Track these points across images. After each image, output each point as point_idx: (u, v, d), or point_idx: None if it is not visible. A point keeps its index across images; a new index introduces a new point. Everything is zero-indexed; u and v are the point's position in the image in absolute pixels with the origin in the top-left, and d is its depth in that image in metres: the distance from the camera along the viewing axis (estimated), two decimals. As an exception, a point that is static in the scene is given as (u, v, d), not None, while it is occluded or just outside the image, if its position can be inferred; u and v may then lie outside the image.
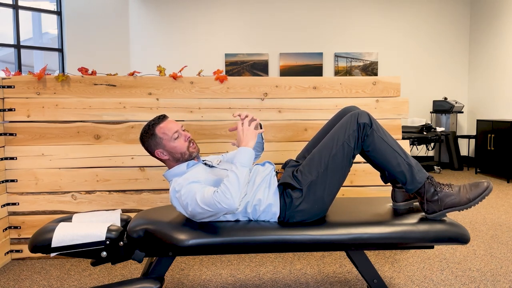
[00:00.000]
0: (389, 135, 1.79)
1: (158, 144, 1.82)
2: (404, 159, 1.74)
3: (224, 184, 1.63)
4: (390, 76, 2.76)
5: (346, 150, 1.76)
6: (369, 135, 1.75)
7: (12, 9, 5.16)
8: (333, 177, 1.77)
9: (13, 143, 2.59)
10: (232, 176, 1.65)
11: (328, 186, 1.76)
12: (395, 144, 1.77)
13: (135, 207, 2.66)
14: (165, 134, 1.81)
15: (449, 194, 1.72)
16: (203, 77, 2.68)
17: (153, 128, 1.82)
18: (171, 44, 6.58)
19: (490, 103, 6.19)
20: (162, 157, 1.85)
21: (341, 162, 1.76)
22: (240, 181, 1.64)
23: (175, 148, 1.82)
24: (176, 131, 1.82)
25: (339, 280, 2.29)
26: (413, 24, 6.65)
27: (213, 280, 2.31)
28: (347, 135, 1.75)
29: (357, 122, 1.75)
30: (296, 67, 6.61)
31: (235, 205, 1.61)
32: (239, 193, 1.63)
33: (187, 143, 1.84)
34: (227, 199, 1.60)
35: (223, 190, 1.62)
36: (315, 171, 1.76)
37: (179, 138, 1.82)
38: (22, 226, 2.62)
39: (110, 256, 1.72)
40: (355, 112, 1.78)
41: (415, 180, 1.74)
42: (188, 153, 1.84)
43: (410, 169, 1.74)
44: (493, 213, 3.67)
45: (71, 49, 5.66)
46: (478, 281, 2.26)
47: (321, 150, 1.79)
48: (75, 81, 2.61)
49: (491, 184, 1.72)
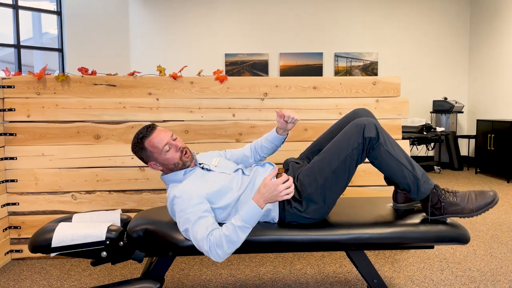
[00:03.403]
0: (396, 145, 1.72)
1: (150, 157, 1.79)
2: (410, 171, 1.70)
3: (221, 238, 1.53)
4: (390, 76, 2.76)
5: (348, 163, 1.70)
6: (375, 149, 1.69)
7: (12, 9, 5.16)
8: (333, 189, 1.73)
9: (13, 143, 2.59)
10: (232, 235, 1.53)
11: (328, 197, 1.74)
12: (402, 155, 1.71)
13: (135, 207, 2.66)
14: (155, 147, 1.75)
15: (453, 203, 1.70)
16: (203, 77, 2.68)
17: (143, 142, 1.76)
18: (171, 44, 6.58)
19: (490, 103, 6.19)
20: (156, 168, 1.82)
21: (343, 175, 1.72)
22: (237, 245, 1.55)
23: (167, 160, 1.77)
24: (166, 143, 1.75)
25: (339, 280, 2.29)
26: (413, 24, 6.65)
27: (213, 280, 2.31)
28: (351, 149, 1.68)
29: (363, 136, 1.67)
30: (296, 67, 6.61)
31: (218, 261, 1.55)
32: (230, 254, 1.56)
33: (179, 154, 1.78)
34: (216, 254, 1.54)
35: (217, 243, 1.53)
36: (314, 184, 1.72)
37: (170, 150, 1.77)
38: (22, 226, 2.62)
39: (110, 256, 1.72)
40: (361, 122, 1.70)
41: (420, 192, 1.72)
42: (181, 163, 1.80)
43: (416, 181, 1.71)
44: (493, 213, 3.67)
45: (71, 49, 5.66)
46: (478, 281, 2.26)
47: (322, 162, 1.73)
48: (75, 81, 2.61)
49: (497, 196, 1.69)
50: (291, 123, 1.94)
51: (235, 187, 1.77)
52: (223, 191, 1.74)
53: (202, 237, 1.55)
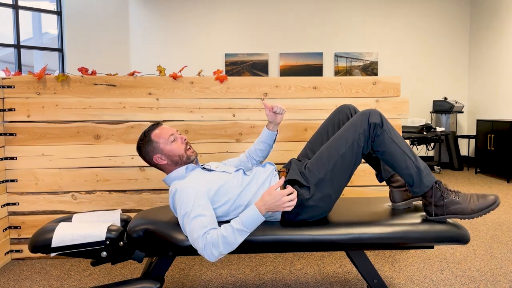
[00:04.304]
0: (399, 136, 1.76)
1: (156, 149, 1.82)
2: (413, 161, 1.72)
3: (218, 238, 1.54)
4: (390, 76, 2.76)
5: (355, 149, 1.74)
6: (379, 136, 1.72)
7: (12, 9, 5.16)
8: (341, 175, 1.77)
9: (13, 143, 2.59)
10: (230, 237, 1.55)
11: (335, 183, 1.77)
12: (405, 145, 1.74)
13: (135, 207, 2.66)
14: (161, 138, 1.82)
15: (455, 201, 1.71)
16: (203, 77, 2.68)
17: (149, 135, 1.83)
18: (171, 44, 6.58)
19: (490, 103, 6.19)
20: (161, 162, 1.83)
21: (350, 161, 1.76)
22: (233, 247, 1.56)
23: (173, 151, 1.82)
24: (171, 134, 1.83)
25: (339, 280, 2.29)
26: (413, 24, 6.65)
27: (213, 280, 2.31)
28: (358, 134, 1.73)
29: (368, 122, 1.72)
30: (296, 67, 6.61)
31: (211, 260, 1.56)
32: (224, 255, 1.57)
33: (184, 145, 1.85)
34: (210, 253, 1.54)
35: (213, 242, 1.54)
36: (323, 169, 1.76)
37: (175, 141, 1.83)
38: (22, 226, 2.62)
39: (110, 256, 1.72)
40: (366, 111, 1.76)
41: (423, 184, 1.73)
42: (186, 156, 1.84)
43: (418, 172, 1.72)
44: (493, 213, 3.67)
45: (71, 49, 5.66)
46: (478, 281, 2.26)
47: (330, 148, 1.78)
48: (75, 81, 2.61)
49: (499, 200, 1.69)
50: (280, 113, 2.02)
51: (236, 185, 1.79)
52: (225, 188, 1.76)
53: (199, 235, 1.56)
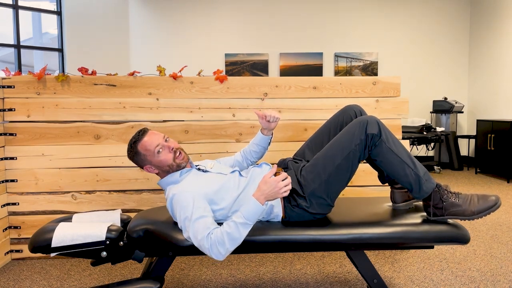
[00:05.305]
0: (398, 143, 1.73)
1: (144, 161, 1.80)
2: (412, 169, 1.70)
3: (222, 235, 1.54)
4: (390, 76, 2.76)
5: (351, 159, 1.72)
6: (377, 145, 1.70)
7: (12, 9, 5.16)
8: (336, 184, 1.76)
9: (13, 143, 2.59)
10: (234, 231, 1.54)
11: (331, 193, 1.76)
12: (404, 153, 1.72)
13: (135, 207, 2.66)
14: (147, 150, 1.77)
15: (455, 204, 1.70)
16: (203, 77, 2.68)
17: (135, 146, 1.78)
18: (171, 44, 6.57)
19: (490, 103, 6.19)
20: (152, 172, 1.83)
21: (346, 170, 1.74)
22: (239, 241, 1.55)
23: (161, 162, 1.78)
24: (157, 145, 1.76)
25: (339, 280, 2.29)
26: (413, 24, 6.65)
27: (213, 280, 2.31)
28: (354, 145, 1.70)
29: (366, 132, 1.69)
30: (296, 67, 6.61)
31: (219, 259, 1.55)
32: (230, 251, 1.56)
33: (172, 154, 1.79)
34: (217, 251, 1.54)
35: (218, 240, 1.53)
36: (317, 179, 1.74)
37: (162, 151, 1.77)
38: (22, 226, 2.62)
39: (110, 256, 1.72)
40: (363, 119, 1.72)
41: (422, 190, 1.72)
42: (175, 164, 1.80)
43: (417, 179, 1.70)
44: (493, 213, 3.67)
45: (71, 49, 5.66)
46: (478, 281, 2.26)
47: (326, 157, 1.75)
48: (75, 81, 2.61)
49: (500, 201, 1.68)
50: (274, 122, 1.98)
51: (233, 187, 1.78)
52: (221, 191, 1.75)
53: (203, 236, 1.55)
